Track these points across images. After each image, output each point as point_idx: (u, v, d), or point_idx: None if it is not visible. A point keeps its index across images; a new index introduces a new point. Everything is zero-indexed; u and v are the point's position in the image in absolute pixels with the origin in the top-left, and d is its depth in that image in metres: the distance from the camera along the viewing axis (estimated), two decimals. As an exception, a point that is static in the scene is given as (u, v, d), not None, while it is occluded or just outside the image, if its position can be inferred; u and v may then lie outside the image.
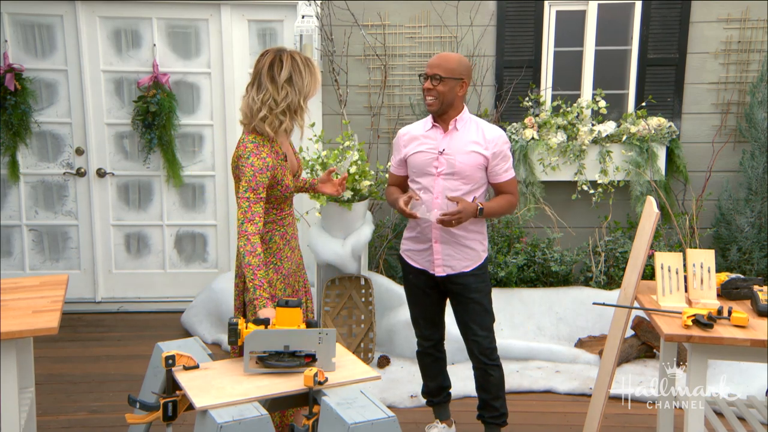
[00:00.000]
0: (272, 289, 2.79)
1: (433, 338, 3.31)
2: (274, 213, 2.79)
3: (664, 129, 4.74)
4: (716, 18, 4.78)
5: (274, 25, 4.94)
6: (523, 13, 4.83)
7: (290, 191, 2.79)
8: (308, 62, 2.70)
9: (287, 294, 2.87)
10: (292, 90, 2.65)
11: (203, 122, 5.05)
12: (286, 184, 2.74)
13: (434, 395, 3.40)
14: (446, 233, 3.05)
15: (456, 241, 3.07)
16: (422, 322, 3.29)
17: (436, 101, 3.00)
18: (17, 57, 4.86)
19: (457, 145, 3.03)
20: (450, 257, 3.09)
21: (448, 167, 3.02)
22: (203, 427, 2.09)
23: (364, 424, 2.00)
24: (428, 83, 3.00)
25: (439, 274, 3.11)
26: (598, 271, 4.76)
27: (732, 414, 3.05)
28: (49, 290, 2.88)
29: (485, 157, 3.03)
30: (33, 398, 3.04)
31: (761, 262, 4.71)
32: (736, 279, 2.89)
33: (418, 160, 3.08)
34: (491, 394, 3.19)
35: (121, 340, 4.66)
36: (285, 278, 2.84)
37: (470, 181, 3.03)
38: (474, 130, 3.06)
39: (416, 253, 3.17)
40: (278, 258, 2.82)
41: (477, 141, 3.03)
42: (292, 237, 2.88)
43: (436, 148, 3.05)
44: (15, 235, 5.11)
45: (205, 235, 5.22)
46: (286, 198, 2.79)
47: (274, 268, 2.80)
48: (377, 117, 4.92)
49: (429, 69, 3.01)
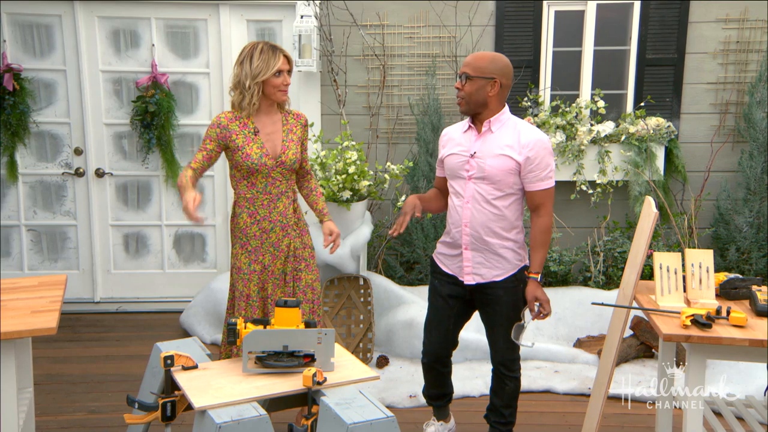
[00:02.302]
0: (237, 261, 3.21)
1: (439, 354, 3.17)
2: (243, 186, 3.18)
3: (662, 129, 4.74)
4: (715, 18, 4.79)
5: (273, 25, 4.94)
6: (522, 13, 4.83)
7: (257, 165, 3.10)
8: (263, 49, 3.10)
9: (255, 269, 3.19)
10: (242, 71, 3.09)
11: (202, 122, 5.05)
12: (248, 153, 3.09)
13: (434, 399, 3.35)
14: (477, 240, 2.95)
15: (487, 249, 2.95)
16: (435, 333, 3.15)
17: (463, 101, 2.90)
18: (16, 57, 4.86)
19: (489, 148, 2.91)
20: (480, 265, 2.98)
21: (478, 171, 2.91)
22: (202, 427, 2.09)
23: (363, 424, 2.00)
24: (458, 83, 2.92)
25: (468, 282, 3.01)
26: (597, 271, 4.76)
27: (730, 414, 3.05)
28: (48, 290, 2.88)
29: (517, 161, 2.86)
30: (32, 398, 3.04)
31: (760, 262, 4.71)
32: (735, 279, 2.89)
33: (451, 163, 3.00)
34: (503, 401, 3.15)
35: (120, 340, 4.66)
36: (250, 253, 3.19)
37: (502, 186, 2.90)
38: (510, 133, 2.90)
39: (448, 258, 3.08)
40: (244, 234, 3.19)
41: (510, 144, 2.88)
42: (264, 219, 3.18)
43: (468, 150, 2.95)
44: (13, 235, 5.10)
45: (203, 235, 5.22)
46: (254, 172, 3.11)
47: (239, 242, 3.20)
48: (376, 117, 4.92)
49: (462, 67, 2.92)
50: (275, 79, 3.09)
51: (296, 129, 3.24)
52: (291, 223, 3.24)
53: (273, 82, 3.09)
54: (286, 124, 3.22)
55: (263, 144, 3.14)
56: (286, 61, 3.12)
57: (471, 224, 2.94)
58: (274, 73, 3.07)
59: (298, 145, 3.23)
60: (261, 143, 3.13)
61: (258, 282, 3.21)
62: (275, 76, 3.08)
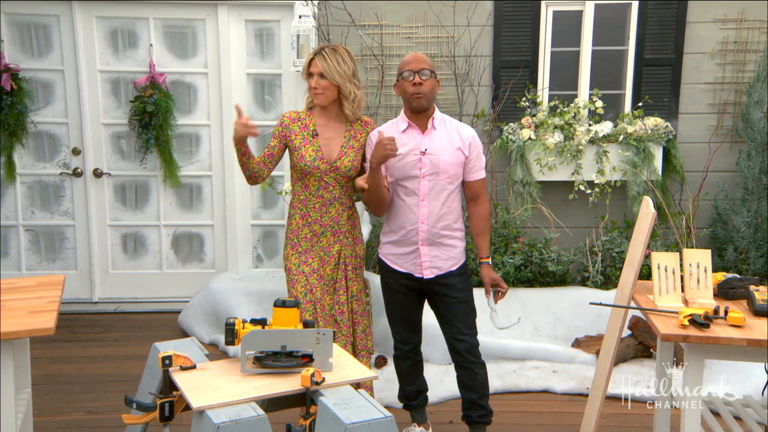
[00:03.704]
0: (287, 262, 3.20)
1: (412, 341, 3.27)
2: (298, 187, 3.19)
3: (660, 129, 4.74)
4: (713, 18, 4.79)
5: (271, 25, 4.94)
6: (520, 13, 4.83)
7: (310, 167, 3.10)
8: (313, 50, 3.20)
9: (304, 271, 3.16)
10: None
11: (200, 122, 5.04)
12: (302, 155, 3.11)
13: (412, 399, 3.36)
14: (432, 235, 3.05)
15: (441, 242, 3.07)
16: (402, 326, 3.26)
17: (423, 97, 2.96)
18: (14, 57, 4.85)
19: (439, 144, 3.02)
20: (437, 258, 3.08)
21: (431, 167, 3.00)
22: (200, 427, 2.09)
23: (362, 424, 2.00)
24: (417, 78, 2.95)
25: (428, 276, 3.09)
26: (595, 271, 4.77)
27: (728, 414, 3.06)
28: (46, 290, 2.87)
29: (465, 154, 3.05)
30: (30, 399, 3.03)
31: (757, 262, 4.72)
32: (733, 279, 2.89)
33: (399, 163, 3.03)
34: (478, 393, 3.16)
35: (118, 340, 4.66)
36: (300, 255, 3.18)
37: (453, 179, 3.04)
38: (450, 128, 3.07)
39: (399, 257, 3.14)
40: (296, 235, 3.19)
41: (455, 138, 3.04)
42: (315, 222, 3.17)
43: (417, 148, 3.01)
44: (11, 236, 5.10)
45: (202, 235, 5.22)
46: (307, 174, 3.12)
47: (290, 243, 3.20)
48: (374, 117, 4.92)
49: (415, 65, 2.96)
50: (309, 79, 3.12)
51: (360, 137, 3.20)
52: (344, 230, 3.21)
53: (309, 83, 3.13)
54: (350, 130, 3.19)
55: (320, 147, 3.12)
56: (315, 63, 3.09)
57: (428, 221, 3.03)
58: (307, 72, 3.12)
59: (358, 153, 3.18)
60: (318, 146, 3.12)
61: (306, 284, 3.16)
62: (309, 75, 3.12)
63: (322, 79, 3.08)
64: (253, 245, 5.20)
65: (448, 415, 3.65)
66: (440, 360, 4.19)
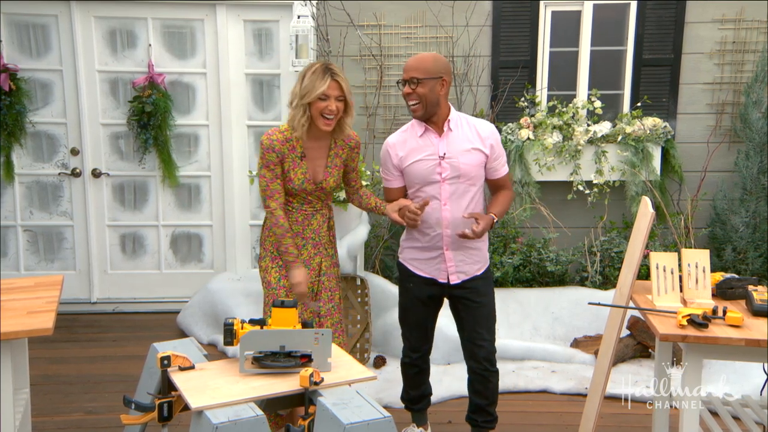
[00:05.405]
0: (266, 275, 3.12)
1: (422, 350, 3.23)
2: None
3: (659, 129, 4.75)
4: (711, 18, 4.80)
5: (270, 26, 4.94)
6: (519, 13, 4.84)
7: (297, 190, 3.04)
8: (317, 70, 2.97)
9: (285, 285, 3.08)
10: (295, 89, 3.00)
11: (199, 122, 5.04)
12: (291, 178, 3.03)
13: (415, 402, 3.34)
14: (457, 239, 2.98)
15: (467, 246, 3.01)
16: (416, 333, 3.21)
17: (419, 105, 2.90)
18: (12, 57, 4.85)
19: (457, 147, 2.95)
20: (462, 262, 3.03)
21: (452, 171, 2.94)
22: (199, 427, 2.09)
23: (360, 425, 2.00)
24: (407, 88, 2.90)
25: (455, 281, 3.04)
26: (594, 271, 4.77)
27: (727, 413, 3.06)
28: (44, 291, 2.87)
29: (485, 153, 2.98)
30: (28, 399, 3.03)
31: (756, 262, 4.72)
32: (731, 279, 2.89)
33: (418, 169, 2.98)
34: (488, 399, 3.14)
35: (117, 340, 4.65)
36: (280, 268, 3.10)
37: (475, 180, 2.98)
38: (467, 128, 3.00)
39: (423, 262, 3.09)
40: (275, 248, 3.10)
41: (474, 139, 2.98)
42: (297, 235, 3.10)
43: (435, 153, 2.96)
44: (10, 236, 5.09)
45: (200, 235, 5.21)
46: (292, 194, 3.07)
47: (270, 256, 3.13)
48: (373, 117, 4.92)
49: (405, 73, 2.91)
50: (320, 103, 2.93)
51: (342, 153, 3.13)
52: (324, 242, 3.19)
53: (317, 105, 2.93)
54: (333, 148, 3.11)
55: (307, 170, 3.05)
56: (336, 86, 2.94)
57: (452, 225, 2.97)
58: (319, 96, 2.92)
59: (340, 170, 3.14)
60: (305, 169, 3.05)
61: (286, 297, 3.10)
62: (320, 99, 2.92)
63: (340, 102, 2.97)
64: (252, 245, 5.20)
65: (447, 415, 3.65)
66: (440, 360, 4.19)
